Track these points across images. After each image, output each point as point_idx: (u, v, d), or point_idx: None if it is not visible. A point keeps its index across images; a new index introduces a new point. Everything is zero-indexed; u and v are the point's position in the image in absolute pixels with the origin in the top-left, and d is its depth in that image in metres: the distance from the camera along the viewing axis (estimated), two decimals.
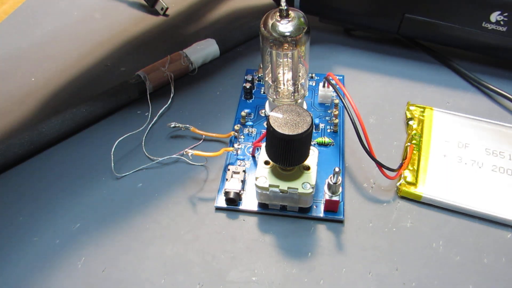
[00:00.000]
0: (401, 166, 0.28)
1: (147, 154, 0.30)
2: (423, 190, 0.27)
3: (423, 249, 0.25)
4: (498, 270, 0.24)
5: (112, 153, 0.29)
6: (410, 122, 0.31)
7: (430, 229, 0.26)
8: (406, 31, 0.35)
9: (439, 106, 0.32)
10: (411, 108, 0.32)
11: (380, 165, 0.27)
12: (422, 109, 0.32)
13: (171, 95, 0.34)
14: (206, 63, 0.37)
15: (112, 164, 0.29)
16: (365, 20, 0.36)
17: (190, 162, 0.29)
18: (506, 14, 0.31)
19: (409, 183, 0.28)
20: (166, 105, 0.33)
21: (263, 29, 0.26)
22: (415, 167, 0.28)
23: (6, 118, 0.33)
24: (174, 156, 0.29)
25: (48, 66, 0.38)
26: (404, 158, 0.29)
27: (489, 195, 0.27)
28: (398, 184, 0.28)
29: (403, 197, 0.28)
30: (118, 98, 0.33)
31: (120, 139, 0.30)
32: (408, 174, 0.28)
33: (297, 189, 0.25)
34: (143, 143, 0.31)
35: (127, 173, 0.29)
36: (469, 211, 0.26)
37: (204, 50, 0.36)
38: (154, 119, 0.32)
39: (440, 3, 0.32)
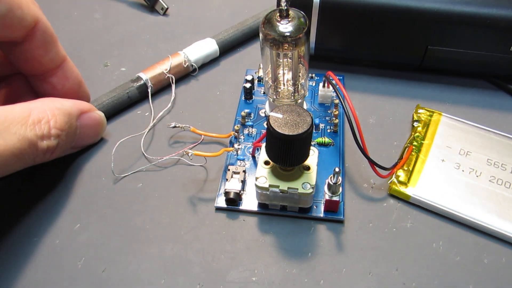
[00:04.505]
0: (395, 165, 0.28)
1: (147, 155, 0.30)
2: (413, 190, 0.27)
3: (423, 249, 0.25)
4: (498, 270, 0.24)
5: (112, 154, 0.29)
6: (415, 124, 0.31)
7: (430, 229, 0.26)
8: (430, 63, 0.34)
9: (444, 109, 0.32)
10: (420, 111, 0.32)
11: (372, 163, 0.27)
12: (430, 113, 0.31)
13: (172, 98, 0.34)
14: (206, 63, 0.37)
15: (112, 165, 0.29)
16: (387, 57, 0.35)
17: (189, 162, 0.29)
18: None
19: (401, 182, 0.28)
20: (167, 107, 0.33)
21: (263, 29, 0.26)
22: (410, 168, 0.28)
23: None
24: (174, 156, 0.29)
25: None
26: (400, 158, 0.29)
27: (481, 204, 0.26)
28: (389, 182, 0.28)
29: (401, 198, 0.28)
30: (119, 100, 0.33)
31: (120, 140, 0.30)
32: (401, 174, 0.28)
33: (297, 189, 0.25)
34: (142, 144, 0.31)
35: (127, 174, 0.29)
36: (457, 218, 0.26)
37: (204, 50, 0.36)
38: (155, 120, 0.32)
39: (463, 33, 0.31)
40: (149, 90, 0.33)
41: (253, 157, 0.30)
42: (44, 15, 0.27)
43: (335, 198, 0.26)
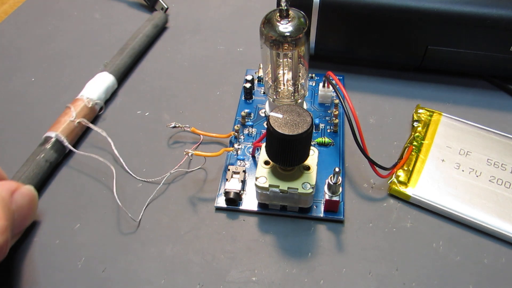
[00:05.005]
0: (395, 165, 0.28)
1: (149, 180, 0.30)
2: (412, 190, 0.27)
3: (423, 249, 0.25)
4: (498, 270, 0.24)
5: (121, 207, 0.27)
6: (415, 124, 0.31)
7: (430, 229, 0.26)
8: (430, 63, 0.34)
9: (444, 109, 0.32)
10: (420, 111, 0.32)
11: (372, 163, 0.27)
12: (430, 113, 0.31)
13: (105, 134, 0.30)
14: (198, 65, 0.37)
15: (129, 215, 0.27)
16: (387, 57, 0.35)
17: (187, 170, 0.29)
18: None
19: (401, 182, 0.28)
20: (111, 142, 0.30)
21: (263, 29, 0.26)
22: (410, 168, 0.28)
23: (6, 118, 0.33)
24: (176, 169, 0.29)
25: (48, 66, 0.38)
26: (400, 158, 0.29)
27: (481, 204, 0.26)
28: (389, 182, 0.28)
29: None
30: (38, 167, 0.28)
31: (115, 190, 0.27)
32: (401, 174, 0.28)
33: (297, 189, 0.25)
34: (132, 173, 0.31)
35: (143, 212, 0.27)
36: (457, 218, 0.26)
37: (102, 85, 0.33)
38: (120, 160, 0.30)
39: (463, 33, 0.31)
40: (67, 144, 0.29)
41: (253, 157, 0.30)
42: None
43: (335, 198, 0.26)
